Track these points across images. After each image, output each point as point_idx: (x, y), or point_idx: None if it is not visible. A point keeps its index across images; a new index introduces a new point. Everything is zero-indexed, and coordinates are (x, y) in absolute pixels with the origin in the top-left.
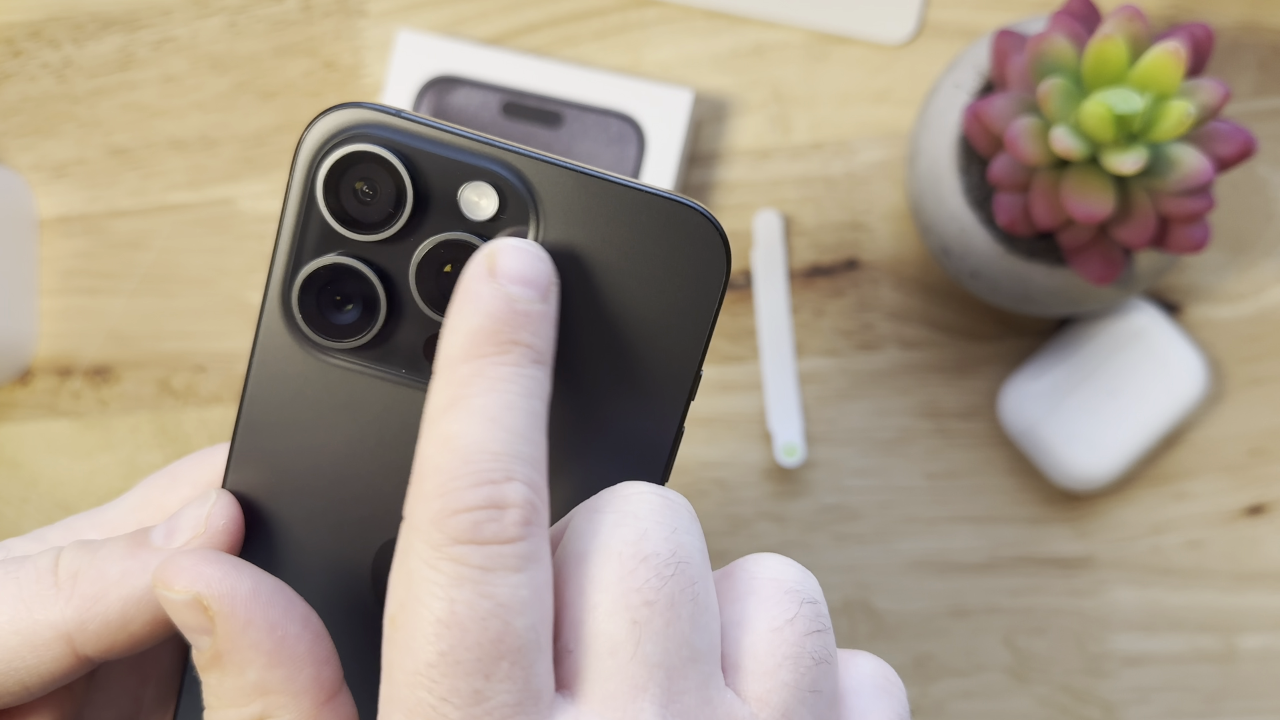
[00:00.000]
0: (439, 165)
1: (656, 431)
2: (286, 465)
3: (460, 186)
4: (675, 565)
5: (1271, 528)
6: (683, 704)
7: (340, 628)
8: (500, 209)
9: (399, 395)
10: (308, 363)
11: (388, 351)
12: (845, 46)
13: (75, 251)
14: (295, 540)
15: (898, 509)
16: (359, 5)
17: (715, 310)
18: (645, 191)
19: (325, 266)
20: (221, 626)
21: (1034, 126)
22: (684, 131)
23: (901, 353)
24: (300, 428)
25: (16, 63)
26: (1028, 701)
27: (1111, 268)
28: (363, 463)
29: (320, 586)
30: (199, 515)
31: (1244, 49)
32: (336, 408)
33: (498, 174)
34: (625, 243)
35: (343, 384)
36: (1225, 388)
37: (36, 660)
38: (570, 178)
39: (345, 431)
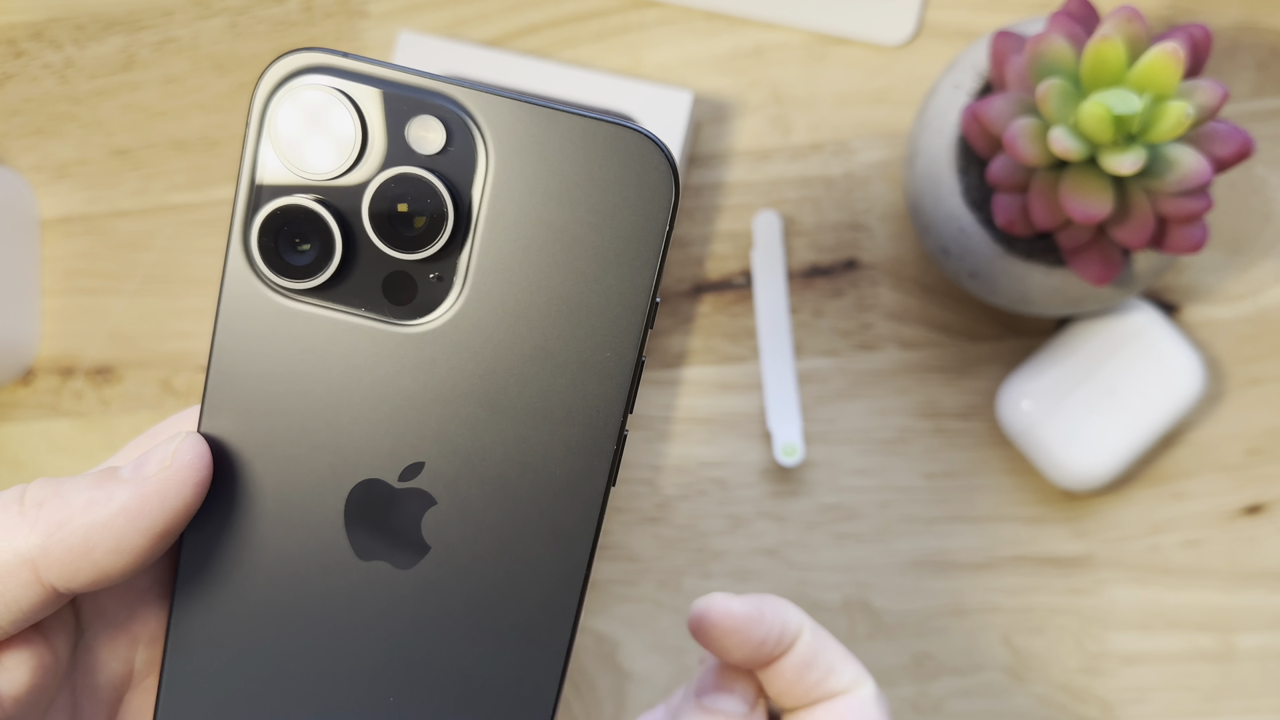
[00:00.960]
0: (386, 101)
1: (616, 361)
2: (257, 408)
3: (407, 122)
4: None
5: (1269, 527)
6: None
7: (314, 567)
8: (448, 142)
9: (361, 332)
10: (272, 306)
11: (348, 290)
12: (844, 47)
13: (77, 252)
14: (269, 481)
15: (897, 508)
16: (360, 6)
17: (665, 233)
18: (589, 117)
19: (280, 208)
20: None
21: (1032, 127)
22: (684, 133)
23: (900, 353)
24: (268, 371)
25: (18, 63)
26: (1026, 700)
27: (1110, 268)
28: (332, 402)
29: (294, 527)
30: (166, 450)
31: (1242, 50)
32: (302, 349)
33: (443, 107)
34: (573, 169)
35: (306, 325)
36: (1223, 388)
37: (3, 587)
38: (515, 108)
39: (312, 372)
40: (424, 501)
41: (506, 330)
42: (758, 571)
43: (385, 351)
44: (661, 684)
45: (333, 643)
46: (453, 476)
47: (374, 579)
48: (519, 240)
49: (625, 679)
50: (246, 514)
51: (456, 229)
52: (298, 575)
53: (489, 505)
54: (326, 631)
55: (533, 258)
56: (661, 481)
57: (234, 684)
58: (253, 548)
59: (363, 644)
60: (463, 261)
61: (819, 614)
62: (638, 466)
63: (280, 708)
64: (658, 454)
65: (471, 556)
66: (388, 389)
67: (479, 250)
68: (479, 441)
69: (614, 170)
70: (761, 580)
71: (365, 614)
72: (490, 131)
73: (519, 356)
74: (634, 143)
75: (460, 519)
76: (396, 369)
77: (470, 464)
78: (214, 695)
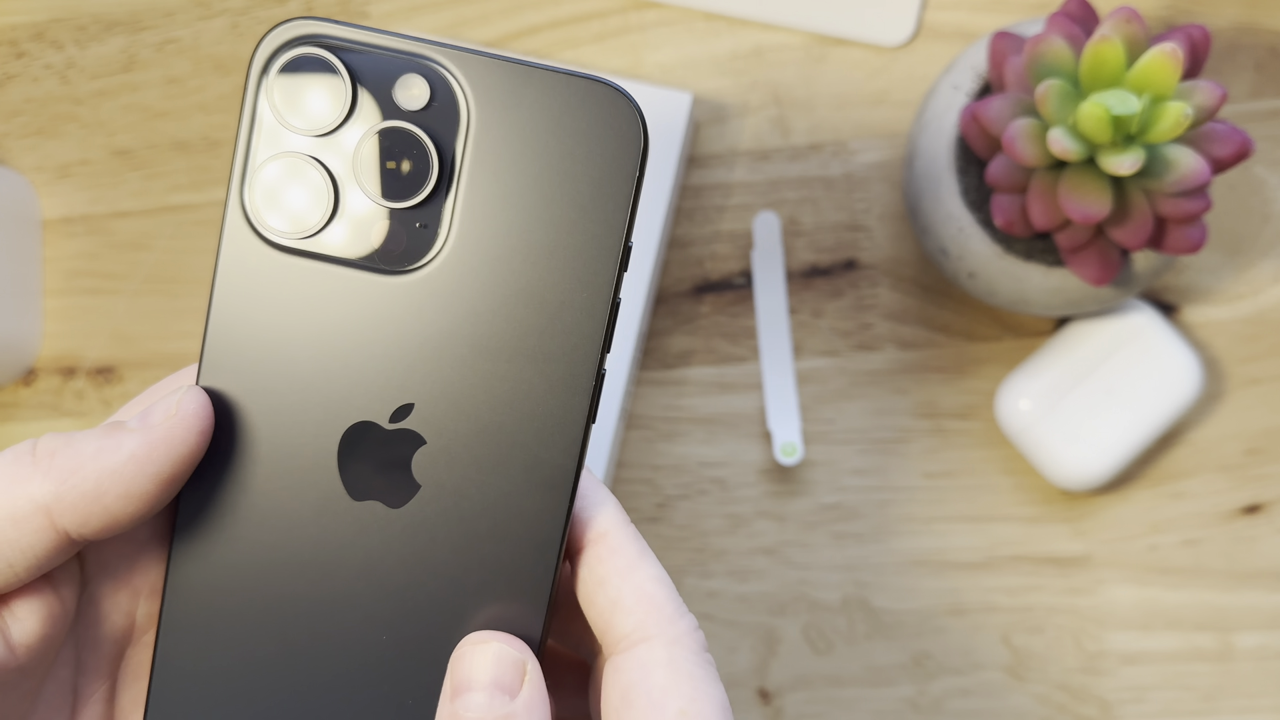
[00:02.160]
0: (373, 62)
1: (593, 302)
2: (253, 358)
3: (394, 81)
4: None
5: (1268, 527)
6: None
7: (309, 509)
8: (431, 98)
9: (354, 282)
10: (267, 259)
11: (339, 241)
12: (844, 48)
13: (78, 252)
14: (265, 428)
15: (896, 508)
16: (361, 7)
17: (635, 178)
18: (562, 73)
19: (275, 163)
20: (528, 690)
21: (1031, 128)
22: (683, 133)
23: (899, 353)
24: (264, 322)
25: (20, 64)
26: (1025, 700)
27: (1108, 268)
28: (324, 349)
29: (290, 471)
30: (171, 402)
31: (1241, 51)
32: (295, 299)
33: (427, 67)
34: (548, 121)
35: (299, 275)
36: (1222, 388)
37: (18, 534)
38: (494, 66)
39: (307, 321)
40: (414, 441)
41: (489, 275)
42: (757, 571)
43: (374, 299)
44: None
45: (328, 581)
46: (441, 417)
47: (367, 518)
48: (499, 189)
49: None
50: (242, 461)
51: (440, 179)
52: (294, 517)
53: (476, 443)
54: (322, 570)
55: (513, 205)
56: (661, 481)
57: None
58: (249, 493)
59: (357, 581)
60: (447, 211)
61: (818, 613)
62: (638, 466)
63: (279, 648)
64: (658, 454)
65: (460, 493)
66: (378, 335)
67: (462, 200)
68: (465, 382)
69: (586, 121)
70: (761, 579)
71: (359, 552)
72: (471, 88)
73: (501, 300)
74: (604, 95)
75: (449, 458)
76: (385, 315)
77: (457, 404)
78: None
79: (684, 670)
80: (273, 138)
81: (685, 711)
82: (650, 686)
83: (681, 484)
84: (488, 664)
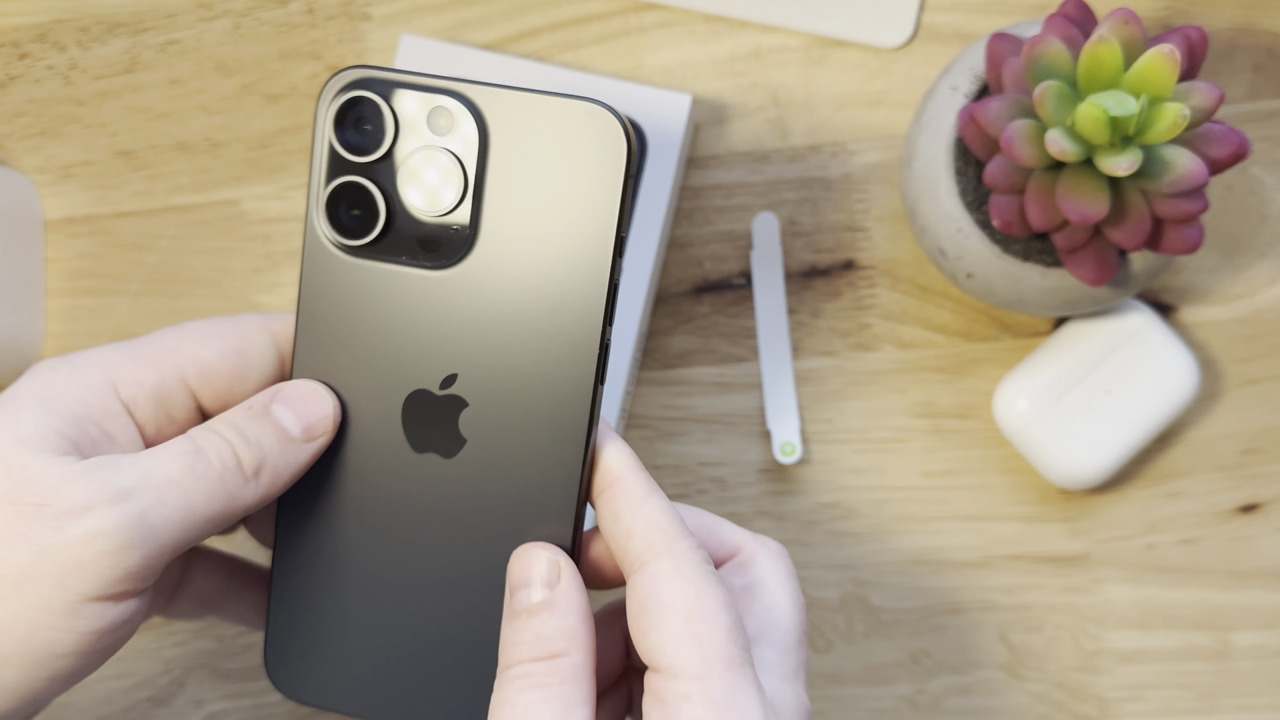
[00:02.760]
0: (410, 99)
1: (595, 285)
2: (334, 344)
3: (428, 112)
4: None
5: (1265, 526)
6: None
7: (381, 460)
8: (457, 125)
9: (405, 277)
10: (338, 262)
11: (393, 245)
12: (842, 50)
13: (81, 252)
14: (348, 395)
15: (894, 507)
16: (362, 9)
17: (623, 181)
18: (561, 96)
19: (339, 185)
20: (565, 582)
21: (1029, 129)
22: (682, 135)
23: (898, 353)
24: (339, 314)
25: (22, 65)
26: (1023, 698)
27: (1106, 269)
28: (386, 332)
29: (365, 430)
30: (325, 415)
31: (1238, 52)
32: (362, 292)
33: (452, 98)
34: (551, 137)
35: (364, 275)
36: (1220, 388)
37: (225, 527)
38: (506, 95)
39: (371, 308)
40: (459, 404)
41: (511, 266)
42: None
43: (422, 290)
44: None
45: (397, 517)
46: (479, 383)
47: (427, 466)
48: (516, 194)
49: None
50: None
51: (467, 190)
52: (370, 467)
53: (508, 403)
54: (392, 508)
55: (527, 207)
56: (661, 480)
57: (330, 552)
58: (338, 450)
59: (420, 517)
60: (475, 216)
61: (817, 611)
62: None
63: (366, 566)
64: (657, 453)
65: (498, 444)
66: (426, 319)
67: (487, 206)
68: (497, 355)
69: (580, 135)
70: None
71: (421, 493)
72: (489, 114)
73: (523, 287)
74: (595, 113)
75: (487, 416)
76: (431, 303)
77: (492, 372)
78: (316, 558)
79: (688, 576)
80: (336, 164)
81: (692, 609)
82: (660, 592)
83: (681, 483)
84: (533, 565)
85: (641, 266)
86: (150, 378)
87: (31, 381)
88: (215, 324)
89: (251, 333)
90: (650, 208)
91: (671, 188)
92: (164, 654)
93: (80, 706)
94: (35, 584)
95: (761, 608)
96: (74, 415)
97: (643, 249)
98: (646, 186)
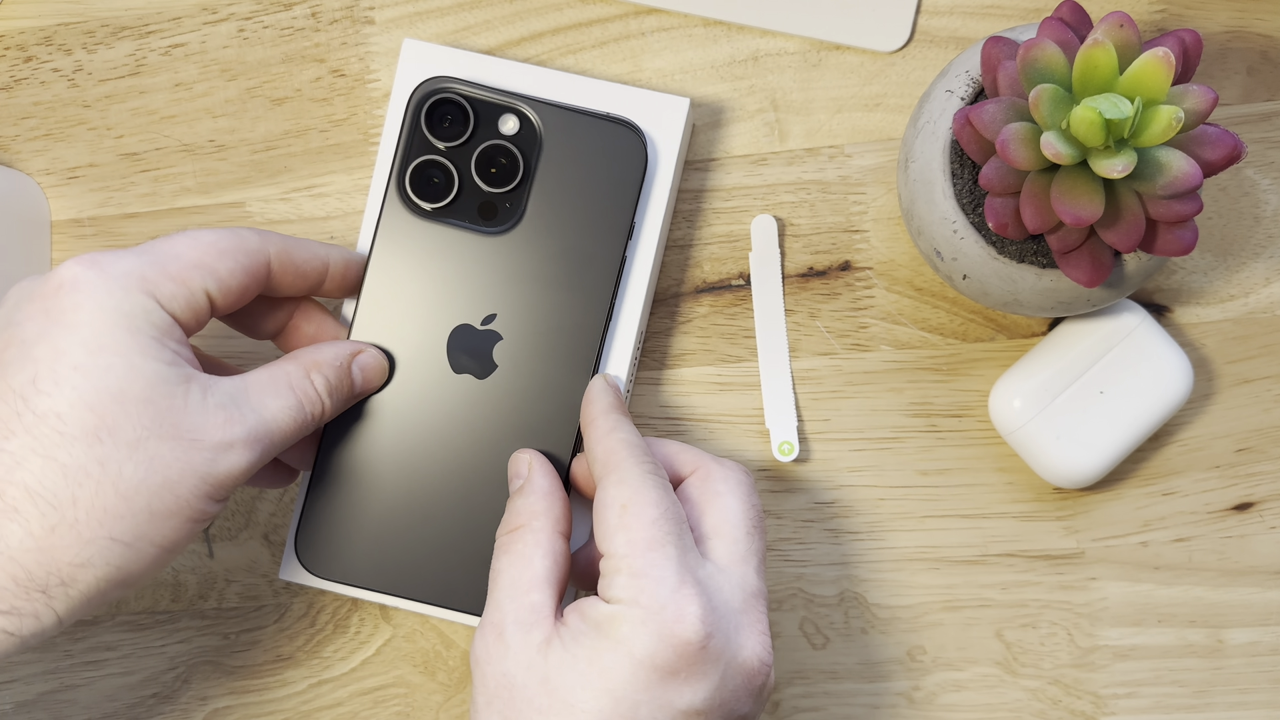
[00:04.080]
0: (486, 105)
1: (610, 254)
2: (399, 283)
3: (499, 116)
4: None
5: (1258, 524)
6: None
7: (427, 378)
8: (520, 128)
9: (464, 238)
10: (410, 223)
11: (459, 211)
12: (840, 54)
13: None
14: (404, 327)
15: (891, 505)
16: (365, 13)
17: (640, 180)
18: (598, 115)
19: (423, 161)
20: (532, 473)
21: (1024, 132)
22: (680, 137)
23: (894, 353)
24: (407, 260)
25: (29, 68)
26: (1019, 694)
27: (1100, 270)
28: (443, 278)
29: (415, 358)
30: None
31: (1232, 54)
32: (429, 248)
33: (517, 108)
34: (589, 144)
35: (433, 234)
36: (1213, 388)
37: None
38: (558, 110)
39: (432, 259)
40: (495, 338)
41: (548, 236)
42: None
43: (477, 249)
44: None
45: (432, 425)
46: (513, 322)
47: (462, 385)
48: (557, 183)
49: None
50: (389, 338)
51: (523, 176)
52: (414, 384)
53: (534, 340)
54: (429, 417)
55: (566, 193)
56: None
57: (367, 450)
58: (390, 358)
59: (452, 425)
60: (525, 196)
61: (815, 608)
62: None
63: (394, 466)
64: None
65: (523, 371)
66: (477, 269)
67: (535, 190)
68: (531, 301)
69: (610, 144)
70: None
71: (455, 407)
72: (543, 123)
73: (556, 250)
74: (622, 128)
75: (517, 349)
76: (482, 258)
77: (524, 315)
78: (355, 458)
79: (627, 482)
80: (421, 144)
81: (625, 505)
82: (605, 496)
83: None
84: (517, 463)
85: (641, 266)
86: (183, 293)
87: (116, 294)
88: (222, 238)
89: (254, 250)
90: (651, 208)
91: (670, 189)
92: (169, 650)
93: (85, 703)
94: (188, 482)
95: (715, 509)
96: (162, 331)
97: (643, 249)
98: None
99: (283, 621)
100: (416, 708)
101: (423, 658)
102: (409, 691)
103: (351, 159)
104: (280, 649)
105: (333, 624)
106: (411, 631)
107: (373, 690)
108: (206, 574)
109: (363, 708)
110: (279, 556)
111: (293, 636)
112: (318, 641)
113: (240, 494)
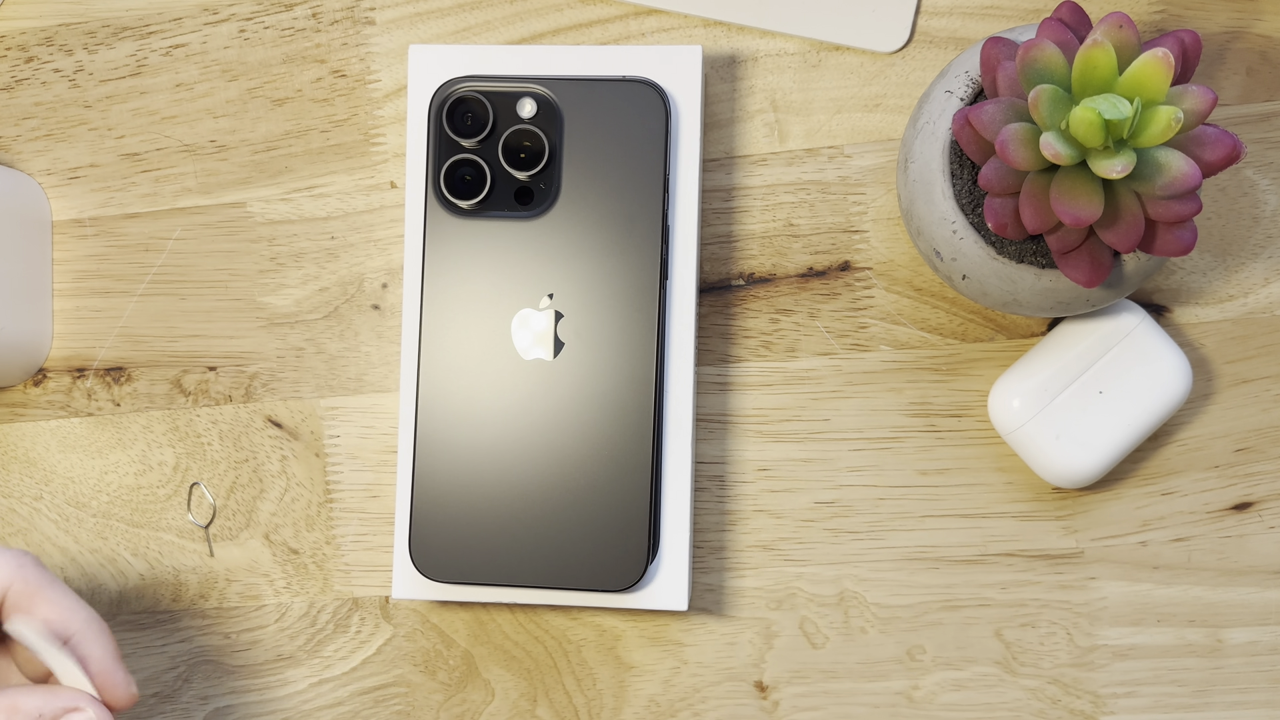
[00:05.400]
0: (501, 94)
1: (650, 213)
2: (454, 285)
3: (517, 102)
4: None
5: (1258, 524)
6: None
7: (496, 365)
8: (538, 110)
9: (507, 226)
10: (454, 224)
11: (496, 202)
12: (840, 55)
13: (88, 254)
14: (468, 317)
15: (890, 505)
16: (366, 14)
17: (665, 140)
18: (615, 79)
19: (454, 162)
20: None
21: (1024, 132)
22: (699, 84)
23: (894, 353)
24: (457, 258)
25: (29, 68)
26: (1018, 693)
27: (1099, 270)
28: (496, 269)
29: (481, 346)
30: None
31: (1231, 55)
32: (477, 245)
33: (532, 90)
34: (609, 110)
35: (474, 227)
36: (1213, 388)
37: None
38: (573, 83)
39: (479, 252)
40: (556, 316)
41: (587, 207)
42: (755, 566)
43: (523, 234)
44: (661, 676)
45: (520, 411)
46: (570, 297)
47: (536, 369)
48: (586, 155)
49: (626, 671)
50: (457, 341)
51: (551, 156)
52: (493, 376)
53: (593, 310)
54: (516, 406)
55: (596, 163)
56: None
57: (460, 438)
58: (462, 359)
59: (538, 408)
60: (557, 174)
61: (814, 607)
62: None
63: (487, 448)
64: None
65: (592, 342)
66: (525, 253)
67: (565, 168)
68: (584, 273)
69: (631, 106)
70: (759, 574)
71: (535, 391)
72: (560, 99)
73: (596, 221)
74: (640, 86)
75: (579, 322)
76: (528, 241)
77: (578, 288)
78: (447, 443)
79: None
80: (448, 145)
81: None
82: None
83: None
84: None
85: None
86: None
87: None
88: None
89: None
90: (683, 161)
91: (698, 139)
92: (170, 650)
93: None
94: None
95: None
96: None
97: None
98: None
99: (283, 621)
100: (417, 707)
101: (423, 657)
102: (409, 691)
103: (352, 159)
104: (281, 648)
105: (333, 623)
106: (412, 631)
107: (373, 690)
108: (207, 574)
109: (363, 707)
110: (279, 556)
111: (293, 636)
112: (318, 641)
113: (241, 494)
